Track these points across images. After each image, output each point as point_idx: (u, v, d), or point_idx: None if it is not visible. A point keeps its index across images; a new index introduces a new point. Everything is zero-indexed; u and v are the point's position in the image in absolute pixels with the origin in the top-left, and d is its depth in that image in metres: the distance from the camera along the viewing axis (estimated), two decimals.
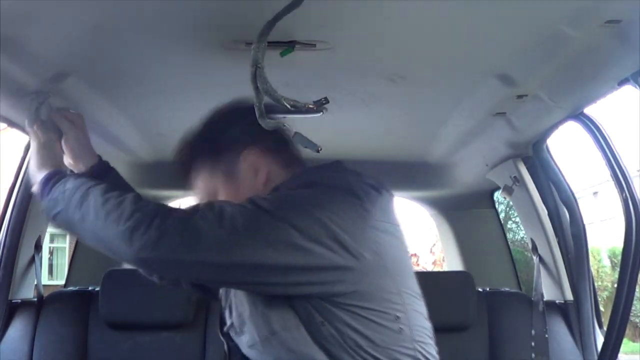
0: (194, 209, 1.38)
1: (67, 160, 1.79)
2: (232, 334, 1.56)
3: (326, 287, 1.38)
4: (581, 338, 2.37)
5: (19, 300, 2.43)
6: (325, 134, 2.37)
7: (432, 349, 1.53)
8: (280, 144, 1.59)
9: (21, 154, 2.36)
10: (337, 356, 1.38)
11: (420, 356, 1.47)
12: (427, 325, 1.54)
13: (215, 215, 1.36)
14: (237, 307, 1.52)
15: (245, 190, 1.53)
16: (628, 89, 1.65)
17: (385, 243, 1.44)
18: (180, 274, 1.49)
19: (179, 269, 1.41)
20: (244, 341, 1.51)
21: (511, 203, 2.78)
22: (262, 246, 1.34)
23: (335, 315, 1.38)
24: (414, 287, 1.51)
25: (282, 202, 1.41)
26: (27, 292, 2.49)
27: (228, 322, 1.58)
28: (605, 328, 2.13)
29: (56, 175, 1.58)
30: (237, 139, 1.58)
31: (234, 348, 1.57)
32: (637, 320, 12.48)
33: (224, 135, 1.59)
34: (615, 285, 2.06)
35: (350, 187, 1.46)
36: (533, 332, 2.43)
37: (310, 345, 1.38)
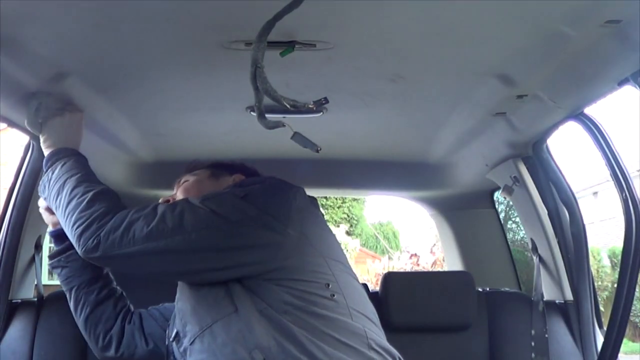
0: (134, 209, 1.56)
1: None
2: (175, 345, 1.67)
3: (257, 266, 1.52)
4: (581, 338, 2.37)
5: (19, 300, 2.42)
6: (325, 134, 2.38)
7: (374, 327, 1.58)
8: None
9: (21, 154, 2.36)
10: (279, 334, 1.45)
11: (358, 323, 1.52)
12: (367, 304, 1.63)
13: (149, 211, 1.54)
14: (179, 311, 1.65)
15: (212, 187, 1.80)
16: (628, 89, 1.65)
17: (309, 223, 1.60)
18: (125, 267, 1.63)
19: (123, 262, 1.57)
20: (185, 343, 1.60)
21: (511, 203, 2.78)
22: (188, 231, 1.50)
23: (270, 291, 1.49)
24: (344, 262, 1.65)
25: (208, 196, 1.60)
26: (27, 292, 2.49)
27: (172, 334, 1.70)
28: (605, 328, 2.13)
29: (53, 157, 1.77)
30: (242, 168, 1.91)
31: None
32: (637, 320, 12.48)
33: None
34: (615, 285, 2.06)
35: (273, 181, 1.67)
36: (533, 332, 2.43)
37: (251, 330, 1.46)
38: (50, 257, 1.93)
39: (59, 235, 1.89)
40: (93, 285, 1.89)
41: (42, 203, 1.89)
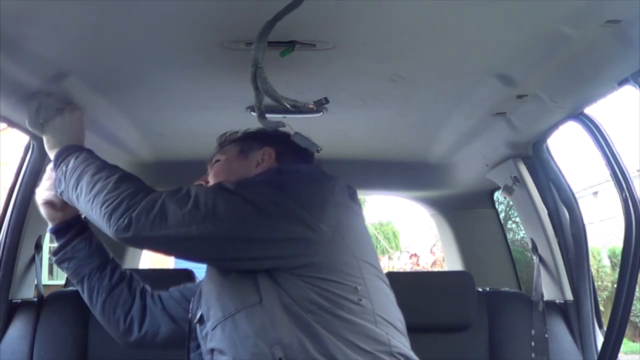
0: (167, 191, 1.53)
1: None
2: (199, 327, 1.66)
3: (286, 260, 1.49)
4: (581, 338, 2.37)
5: (19, 300, 2.42)
6: (325, 134, 2.38)
7: (398, 335, 1.56)
8: (294, 157, 1.76)
9: (21, 154, 2.36)
10: (302, 332, 1.43)
11: (381, 330, 1.50)
12: (394, 311, 1.60)
13: (182, 195, 1.51)
14: (205, 293, 1.63)
15: (239, 168, 1.75)
16: (628, 89, 1.65)
17: (344, 220, 1.56)
18: (156, 248, 1.62)
19: (154, 244, 1.56)
20: (207, 328, 1.59)
21: (511, 203, 2.78)
22: (221, 219, 1.47)
23: (297, 287, 1.47)
24: (376, 264, 1.62)
25: (244, 183, 1.57)
26: (27, 292, 2.49)
27: (197, 315, 1.68)
28: (605, 328, 2.13)
29: (63, 153, 1.74)
30: (273, 137, 1.77)
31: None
32: (637, 320, 12.48)
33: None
34: (615, 285, 2.05)
35: (311, 173, 1.63)
36: (533, 332, 2.43)
37: (274, 324, 1.45)
38: (55, 252, 1.90)
39: (59, 230, 1.88)
40: (103, 270, 1.87)
41: (39, 197, 1.86)
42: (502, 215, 3.87)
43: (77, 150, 1.74)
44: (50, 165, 1.83)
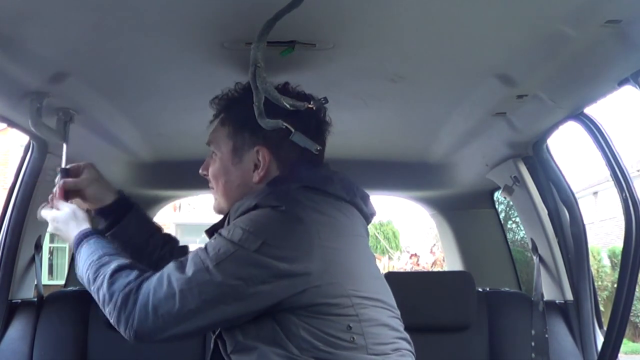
0: (151, 287, 1.51)
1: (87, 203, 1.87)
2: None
3: (279, 306, 1.48)
4: (581, 338, 2.37)
5: (19, 300, 2.42)
6: None
7: (395, 357, 1.56)
8: (290, 152, 1.65)
9: (21, 154, 2.36)
10: None
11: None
12: (387, 331, 1.57)
13: (167, 290, 1.50)
14: None
15: (237, 175, 1.67)
16: (628, 89, 1.65)
17: (335, 256, 1.51)
18: (166, 340, 1.58)
19: (161, 338, 1.54)
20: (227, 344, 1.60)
21: (511, 203, 2.78)
22: (214, 306, 1.48)
23: (291, 325, 1.47)
24: (371, 291, 1.56)
25: (223, 257, 1.49)
26: (27, 292, 2.49)
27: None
28: (605, 328, 2.13)
29: (79, 240, 1.70)
30: (263, 134, 1.62)
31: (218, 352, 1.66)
32: (637, 320, 12.48)
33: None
34: (615, 285, 2.05)
35: (291, 208, 1.53)
36: (533, 332, 2.43)
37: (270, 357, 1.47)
38: (107, 228, 1.89)
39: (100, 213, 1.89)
40: (148, 248, 1.90)
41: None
42: (502, 215, 3.86)
43: (78, 241, 1.71)
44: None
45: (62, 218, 1.76)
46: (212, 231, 1.66)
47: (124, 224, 1.88)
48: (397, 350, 1.56)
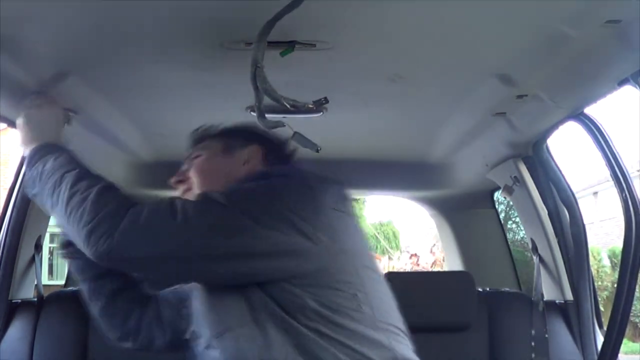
0: (148, 205, 1.42)
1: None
2: (192, 343, 1.60)
3: (284, 272, 1.41)
4: (581, 338, 2.37)
5: (19, 300, 2.42)
6: (325, 134, 2.38)
7: (401, 338, 1.51)
8: (281, 155, 1.68)
9: (21, 154, 2.36)
10: (295, 348, 1.38)
11: (383, 335, 1.45)
12: (394, 314, 1.54)
13: (168, 209, 1.40)
14: (195, 310, 1.57)
15: (226, 165, 1.65)
16: (628, 89, 1.65)
17: (340, 226, 1.48)
18: (142, 271, 1.51)
19: (140, 265, 1.45)
20: (200, 346, 1.54)
21: (511, 203, 2.78)
22: (215, 235, 1.38)
23: (295, 296, 1.40)
24: (373, 267, 1.55)
25: (235, 193, 1.45)
26: (27, 292, 2.49)
27: (190, 330, 1.63)
28: (605, 328, 2.13)
29: (41, 151, 1.59)
30: (258, 135, 1.67)
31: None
32: (637, 320, 12.48)
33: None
34: (615, 285, 2.05)
35: (302, 177, 1.52)
36: (533, 332, 2.43)
37: (266, 343, 1.39)
38: (65, 245, 1.76)
39: None
40: (107, 277, 1.77)
41: None
42: (502, 215, 3.86)
43: (57, 150, 1.58)
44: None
45: (55, 116, 1.71)
46: None
47: None
48: (398, 334, 1.51)
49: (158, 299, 1.84)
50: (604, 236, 15.04)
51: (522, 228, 2.87)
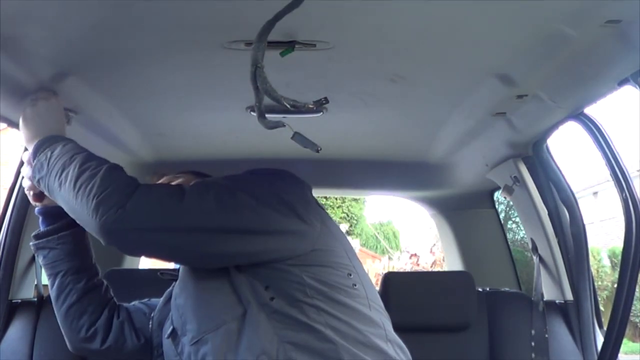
0: (157, 184, 1.53)
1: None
2: (171, 342, 1.61)
3: (282, 252, 1.48)
4: (581, 338, 2.37)
5: (19, 300, 2.43)
6: (325, 134, 2.38)
7: (389, 322, 1.56)
8: None
9: (21, 154, 2.36)
10: (289, 335, 1.41)
11: (376, 315, 1.51)
12: (377, 295, 1.61)
13: (177, 187, 1.49)
14: (179, 307, 1.58)
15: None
16: (628, 89, 1.65)
17: (326, 217, 1.60)
18: (144, 244, 1.50)
19: (146, 239, 1.46)
20: (184, 342, 1.55)
21: (511, 203, 2.78)
22: (220, 211, 1.44)
23: (290, 277, 1.45)
24: (356, 256, 1.63)
25: (236, 177, 1.56)
26: (27, 292, 2.49)
27: (168, 331, 1.64)
28: (605, 328, 2.13)
29: (49, 140, 1.61)
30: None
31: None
32: (637, 320, 12.48)
33: None
34: (615, 285, 2.06)
35: (288, 173, 1.64)
36: (533, 332, 2.43)
37: (259, 334, 1.42)
38: (37, 236, 1.77)
39: (47, 213, 1.77)
40: (82, 272, 1.77)
41: (26, 183, 1.74)
42: (502, 215, 3.86)
43: (64, 139, 1.62)
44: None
45: (59, 110, 1.75)
46: None
47: (64, 236, 1.76)
48: (384, 316, 1.56)
49: (129, 307, 1.88)
50: (604, 236, 15.04)
51: (522, 228, 2.87)
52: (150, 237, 1.45)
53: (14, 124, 1.99)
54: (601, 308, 2.60)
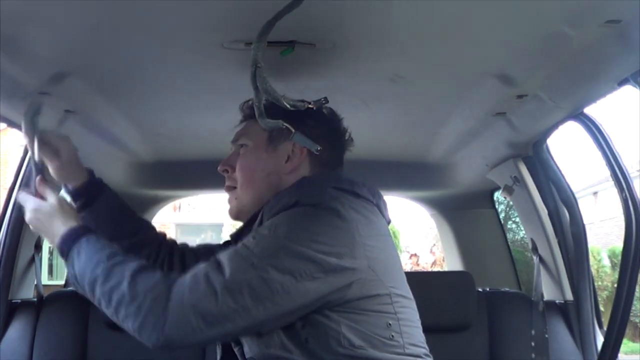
0: (185, 284, 1.40)
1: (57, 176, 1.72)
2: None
3: (325, 304, 1.44)
4: (581, 338, 2.37)
5: (19, 300, 2.43)
6: None
7: (423, 356, 1.57)
8: (325, 150, 1.63)
9: (21, 154, 2.36)
10: None
11: (409, 358, 1.50)
12: (419, 332, 1.59)
13: (206, 288, 1.39)
14: None
15: (269, 162, 1.64)
16: (628, 89, 1.65)
17: (374, 254, 1.49)
18: (205, 344, 1.58)
19: (199, 342, 1.45)
20: (244, 350, 1.57)
21: (511, 203, 2.78)
22: (258, 305, 1.39)
23: (331, 322, 1.44)
24: (406, 290, 1.59)
25: (268, 248, 1.43)
26: (27, 292, 2.49)
27: None
28: (605, 328, 2.13)
29: (62, 249, 1.53)
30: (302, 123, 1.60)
31: (227, 355, 1.64)
32: (637, 320, 12.48)
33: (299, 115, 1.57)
34: (615, 285, 2.06)
35: (332, 205, 1.49)
36: (533, 332, 2.43)
37: None
38: (80, 209, 1.74)
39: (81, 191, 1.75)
40: (116, 239, 1.63)
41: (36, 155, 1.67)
42: (502, 215, 3.86)
43: (74, 239, 1.52)
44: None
45: (47, 209, 1.56)
46: (237, 235, 1.63)
47: (94, 208, 1.74)
48: (427, 356, 1.57)
49: (184, 247, 1.87)
50: (604, 236, 15.03)
51: (522, 228, 2.87)
52: (204, 339, 1.45)
53: (14, 124, 1.99)
54: (601, 308, 2.60)
